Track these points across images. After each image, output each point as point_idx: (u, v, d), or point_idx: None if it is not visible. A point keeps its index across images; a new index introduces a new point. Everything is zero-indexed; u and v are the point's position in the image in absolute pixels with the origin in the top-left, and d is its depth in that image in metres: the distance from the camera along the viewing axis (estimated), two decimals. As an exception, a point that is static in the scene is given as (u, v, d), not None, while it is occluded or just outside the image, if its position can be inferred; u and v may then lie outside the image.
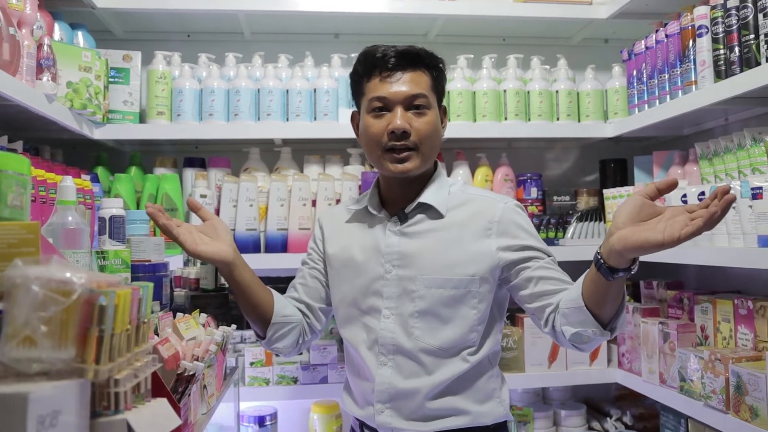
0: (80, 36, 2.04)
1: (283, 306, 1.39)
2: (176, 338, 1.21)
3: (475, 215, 1.34)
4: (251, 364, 2.01)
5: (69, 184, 1.21)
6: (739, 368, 1.52)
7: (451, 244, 1.32)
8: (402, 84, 1.30)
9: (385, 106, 1.31)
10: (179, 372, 1.11)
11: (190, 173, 2.17)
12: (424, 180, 1.38)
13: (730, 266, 1.65)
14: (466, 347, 1.32)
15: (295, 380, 2.03)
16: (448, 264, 1.30)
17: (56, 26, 1.91)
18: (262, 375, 2.01)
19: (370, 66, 1.34)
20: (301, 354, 1.83)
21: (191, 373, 1.12)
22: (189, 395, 1.12)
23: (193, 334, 1.31)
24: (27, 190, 0.89)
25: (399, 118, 1.29)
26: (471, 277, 1.30)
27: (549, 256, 1.33)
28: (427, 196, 1.35)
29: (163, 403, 0.88)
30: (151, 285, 0.96)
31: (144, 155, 2.25)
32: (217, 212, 2.07)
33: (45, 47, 1.65)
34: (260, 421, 2.10)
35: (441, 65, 1.38)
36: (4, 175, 0.85)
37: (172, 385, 1.08)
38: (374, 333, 1.33)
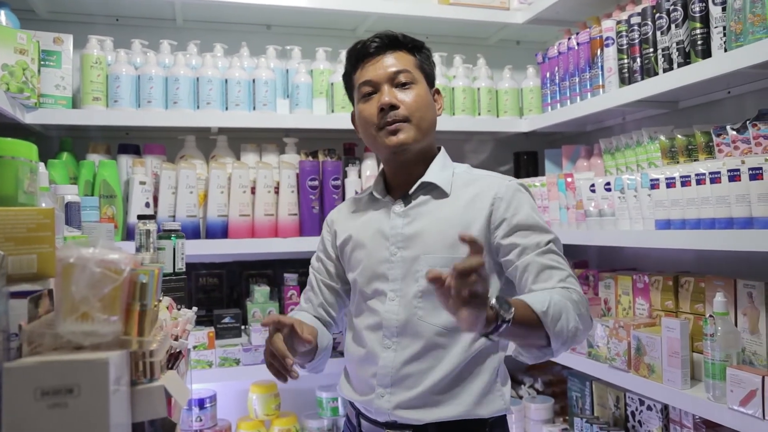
0: (2, 14, 1.96)
1: (322, 338, 1.40)
2: (154, 319, 1.26)
3: (479, 194, 1.34)
4: (194, 347, 2.05)
5: (42, 171, 1.22)
6: (640, 333, 1.79)
7: (455, 223, 1.32)
8: (385, 65, 1.36)
9: (373, 89, 1.36)
10: (167, 349, 1.17)
11: (125, 160, 2.15)
12: (426, 161, 1.40)
13: (631, 246, 1.91)
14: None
15: (237, 362, 2.10)
16: (451, 243, 1.30)
17: (-20, 4, 1.84)
18: (205, 358, 2.06)
19: (354, 59, 1.41)
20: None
21: (177, 350, 1.18)
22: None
23: (163, 316, 1.36)
24: (37, 176, 0.93)
25: (386, 95, 1.34)
26: None
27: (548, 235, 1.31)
28: (430, 175, 1.37)
29: (174, 374, 0.95)
30: (161, 266, 1.02)
31: (73, 141, 2.20)
32: (156, 199, 2.09)
33: (-16, 28, 1.60)
34: (200, 403, 2.16)
35: (424, 48, 1.42)
36: (18, 162, 0.88)
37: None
38: (379, 316, 1.35)
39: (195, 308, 1.54)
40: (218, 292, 2.41)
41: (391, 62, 1.37)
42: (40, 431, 0.64)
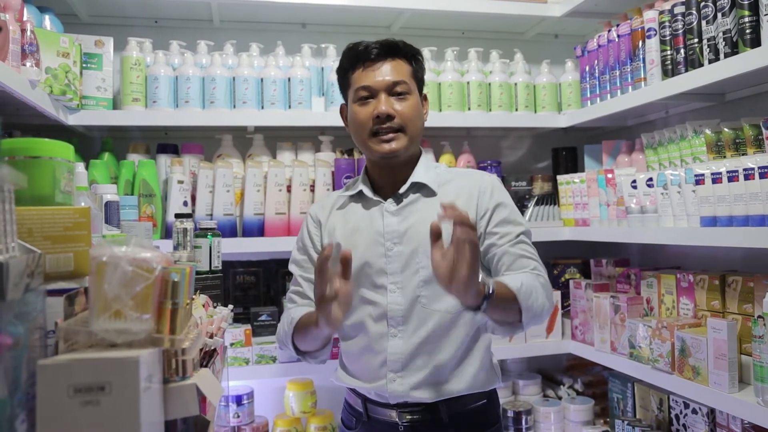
0: (47, 19, 2.02)
1: None
2: (190, 317, 1.28)
3: (464, 186, 1.48)
4: (231, 344, 2.07)
5: (81, 171, 1.25)
6: (684, 334, 1.73)
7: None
8: (384, 73, 1.44)
9: (370, 94, 1.44)
10: (200, 347, 1.18)
11: (163, 159, 2.19)
12: (411, 163, 1.51)
13: (675, 244, 1.84)
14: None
15: (273, 359, 2.11)
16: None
17: (25, 9, 1.89)
18: (242, 355, 2.08)
19: (353, 59, 1.47)
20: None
21: (212, 348, 1.19)
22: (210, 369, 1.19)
23: (199, 314, 1.37)
24: (74, 176, 0.94)
25: (383, 104, 1.42)
26: None
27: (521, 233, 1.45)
28: (418, 176, 1.48)
29: (208, 372, 0.96)
30: (194, 264, 1.03)
31: (114, 141, 2.25)
32: (194, 198, 2.11)
33: (28, 32, 1.64)
34: (238, 399, 2.18)
35: (419, 56, 1.52)
36: (56, 162, 0.90)
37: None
38: (382, 307, 1.43)
39: (231, 306, 1.55)
40: (255, 290, 2.43)
41: (390, 71, 1.44)
42: (74, 428, 0.65)
